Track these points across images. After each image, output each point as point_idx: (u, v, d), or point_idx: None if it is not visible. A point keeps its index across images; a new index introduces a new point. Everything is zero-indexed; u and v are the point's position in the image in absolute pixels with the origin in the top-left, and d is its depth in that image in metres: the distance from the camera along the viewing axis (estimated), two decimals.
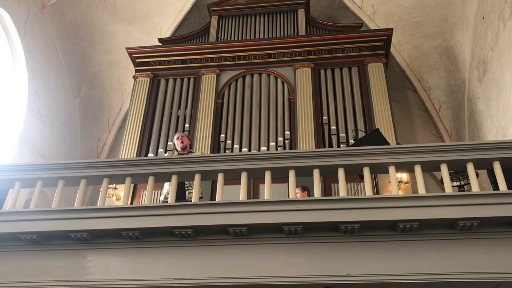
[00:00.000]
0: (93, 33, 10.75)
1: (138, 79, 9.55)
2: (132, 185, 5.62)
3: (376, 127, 7.88)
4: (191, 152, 5.79)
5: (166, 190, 5.42)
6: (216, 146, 8.59)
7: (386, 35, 9.31)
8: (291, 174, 4.30)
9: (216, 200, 4.24)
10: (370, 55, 9.19)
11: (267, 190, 4.24)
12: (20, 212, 4.38)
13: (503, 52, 7.68)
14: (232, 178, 4.48)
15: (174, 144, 5.83)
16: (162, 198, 5.52)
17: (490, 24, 8.17)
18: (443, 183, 4.19)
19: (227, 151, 8.46)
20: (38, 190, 4.56)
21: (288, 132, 8.52)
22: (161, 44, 10.16)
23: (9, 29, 9.01)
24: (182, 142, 5.73)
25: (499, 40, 7.84)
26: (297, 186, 6.27)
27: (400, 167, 4.34)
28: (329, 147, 8.23)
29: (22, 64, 9.20)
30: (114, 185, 7.89)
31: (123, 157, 8.45)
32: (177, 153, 5.75)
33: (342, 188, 4.19)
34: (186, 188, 5.29)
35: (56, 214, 4.25)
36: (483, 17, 8.45)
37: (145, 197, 4.46)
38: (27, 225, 4.20)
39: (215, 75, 9.39)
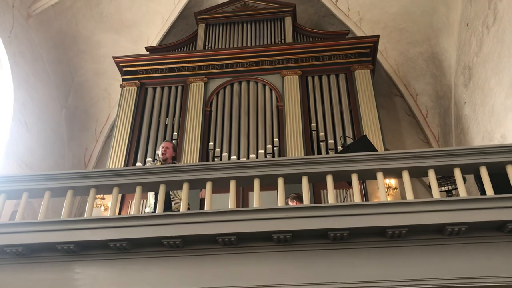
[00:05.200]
0: (79, 42, 10.70)
1: (125, 88, 9.50)
2: (120, 195, 5.57)
3: (364, 134, 7.91)
4: (174, 163, 5.64)
5: (151, 201, 5.31)
6: (204, 154, 8.56)
7: (372, 42, 9.38)
8: (280, 182, 4.30)
9: (205, 209, 4.22)
10: (357, 62, 9.24)
11: (256, 198, 4.23)
12: (5, 225, 4.32)
13: (488, 58, 7.78)
14: (220, 186, 4.47)
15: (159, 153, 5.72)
16: (147, 210, 5.40)
17: (474, 30, 8.27)
18: (431, 188, 4.22)
19: (215, 159, 8.43)
20: (24, 201, 4.50)
21: (277, 139, 8.52)
22: (148, 52, 10.14)
23: None
24: (163, 154, 5.61)
25: (483, 46, 7.94)
26: (289, 197, 6.22)
27: (388, 173, 4.36)
28: (318, 154, 8.24)
29: (7, 74, 9.11)
30: (101, 195, 7.82)
31: (110, 166, 8.38)
32: (160, 163, 5.61)
33: (331, 195, 4.19)
34: (171, 199, 5.22)
35: (43, 225, 4.20)
36: (468, 24, 8.56)
37: (133, 207, 4.42)
38: (13, 237, 4.14)
39: (203, 83, 9.37)
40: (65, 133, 10.88)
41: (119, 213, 7.52)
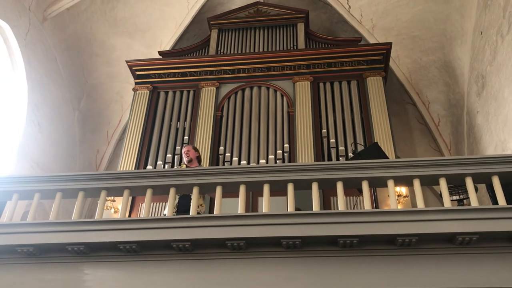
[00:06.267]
0: (93, 45, 10.80)
1: (138, 92, 9.57)
2: (130, 197, 5.60)
3: (375, 141, 7.87)
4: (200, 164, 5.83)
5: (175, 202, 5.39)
6: (215, 158, 8.58)
7: (385, 49, 9.35)
8: (290, 188, 4.29)
9: (214, 213, 4.22)
10: (369, 69, 9.22)
11: (265, 203, 4.23)
12: (17, 225, 4.36)
13: (502, 67, 7.72)
14: (230, 191, 4.47)
15: (183, 159, 5.88)
16: (165, 212, 5.47)
17: (488, 39, 8.22)
18: (442, 197, 4.18)
19: (226, 163, 8.44)
20: (35, 202, 4.55)
21: (287, 145, 8.51)
22: (161, 56, 10.20)
23: (9, 41, 9.04)
24: (187, 156, 5.74)
25: (497, 55, 7.88)
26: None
27: (399, 181, 4.33)
28: (328, 160, 8.22)
29: (22, 76, 9.22)
30: (112, 197, 7.86)
31: (121, 169, 8.43)
32: (185, 165, 5.78)
33: (341, 202, 4.18)
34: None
35: (54, 226, 4.23)
36: (482, 32, 8.50)
37: (143, 210, 4.44)
38: (24, 237, 4.18)
39: (215, 88, 9.41)
40: (77, 135, 10.98)
41: (129, 216, 7.55)
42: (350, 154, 8.00)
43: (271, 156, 8.37)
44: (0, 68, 9.09)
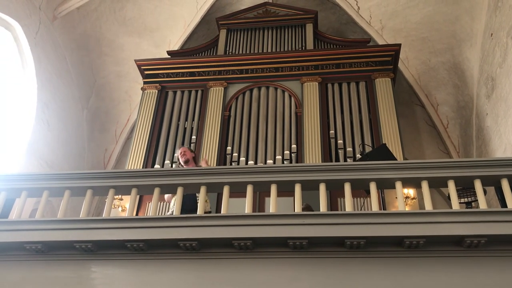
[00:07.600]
0: (102, 45, 10.86)
1: (146, 91, 9.61)
2: (138, 196, 5.63)
3: (383, 142, 7.85)
4: (199, 165, 5.79)
5: (173, 204, 5.39)
6: (222, 158, 8.59)
7: (394, 50, 9.32)
8: (297, 188, 4.29)
9: (221, 213, 4.23)
10: (378, 70, 9.19)
11: (272, 204, 4.23)
12: (26, 222, 4.40)
13: None
14: (237, 191, 4.47)
15: (179, 160, 5.85)
16: (169, 212, 5.47)
17: (498, 41, 8.16)
18: (450, 200, 4.16)
19: (233, 163, 8.45)
20: (44, 199, 4.57)
21: (295, 146, 8.51)
22: (169, 56, 10.23)
23: (20, 40, 9.11)
24: (184, 156, 5.73)
25: (507, 57, 7.82)
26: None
27: (407, 182, 4.31)
28: (336, 161, 8.21)
29: (32, 74, 9.29)
30: (120, 196, 7.90)
31: (129, 168, 8.47)
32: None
33: (348, 203, 4.16)
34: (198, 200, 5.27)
35: (62, 224, 4.26)
36: (492, 34, 8.45)
37: (151, 209, 4.46)
38: (33, 234, 4.20)
39: (223, 88, 9.42)
40: (85, 133, 11.04)
41: (137, 214, 7.58)
42: (358, 155, 7.98)
43: (278, 157, 8.37)
44: (10, 66, 9.16)
